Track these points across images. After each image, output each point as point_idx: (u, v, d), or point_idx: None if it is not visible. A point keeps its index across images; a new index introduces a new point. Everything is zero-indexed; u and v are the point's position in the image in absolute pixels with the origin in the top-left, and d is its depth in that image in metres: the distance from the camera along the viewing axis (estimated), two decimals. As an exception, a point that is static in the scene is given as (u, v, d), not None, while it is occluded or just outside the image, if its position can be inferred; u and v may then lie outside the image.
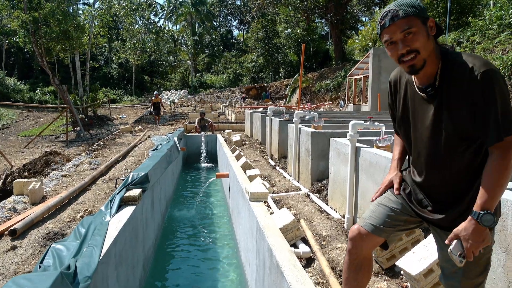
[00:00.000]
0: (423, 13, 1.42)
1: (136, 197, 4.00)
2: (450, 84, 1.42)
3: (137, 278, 3.92)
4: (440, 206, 1.57)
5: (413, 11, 1.40)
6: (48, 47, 16.67)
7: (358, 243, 1.75)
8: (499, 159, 1.35)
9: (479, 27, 13.94)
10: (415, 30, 1.41)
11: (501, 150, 1.34)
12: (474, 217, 1.36)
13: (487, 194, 1.35)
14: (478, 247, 1.37)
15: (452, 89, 1.41)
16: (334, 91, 23.45)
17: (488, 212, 1.34)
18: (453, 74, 1.41)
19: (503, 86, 1.33)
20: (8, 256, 3.12)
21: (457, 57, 1.42)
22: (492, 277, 1.99)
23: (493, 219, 1.34)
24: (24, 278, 1.82)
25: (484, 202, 1.35)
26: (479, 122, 1.36)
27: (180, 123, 17.12)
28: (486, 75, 1.32)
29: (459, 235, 1.39)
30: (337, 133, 4.85)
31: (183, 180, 9.95)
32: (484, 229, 1.35)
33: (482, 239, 1.36)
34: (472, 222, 1.36)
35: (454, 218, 1.51)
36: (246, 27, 52.52)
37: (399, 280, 2.59)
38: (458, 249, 1.39)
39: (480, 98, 1.33)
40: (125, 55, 36.47)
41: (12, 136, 16.67)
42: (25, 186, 4.92)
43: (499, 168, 1.34)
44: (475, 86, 1.34)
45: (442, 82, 1.45)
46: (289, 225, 3.33)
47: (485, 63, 1.34)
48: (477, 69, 1.33)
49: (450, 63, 1.43)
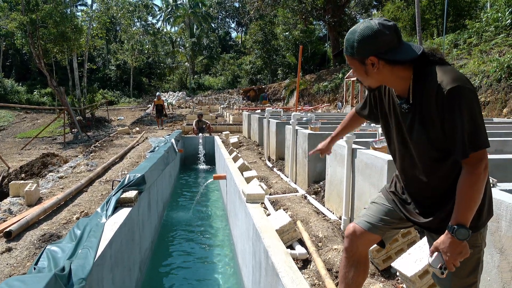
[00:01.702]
0: (359, 54, 1.46)
1: (133, 198, 4.00)
2: (422, 100, 1.44)
3: (133, 280, 3.90)
4: (424, 210, 1.60)
5: (349, 52, 1.49)
6: (45, 48, 16.66)
7: (354, 241, 1.78)
8: (468, 174, 1.37)
9: (476, 29, 14.00)
10: (353, 67, 1.54)
11: (469, 166, 1.36)
12: (450, 231, 1.38)
13: (460, 208, 1.37)
14: (457, 259, 1.38)
15: (424, 105, 1.43)
16: (332, 93, 23.48)
17: (462, 226, 1.35)
18: (424, 90, 1.42)
19: (470, 102, 1.32)
20: (3, 258, 3.10)
21: (429, 74, 1.41)
22: (486, 278, 2.00)
23: (468, 233, 1.35)
24: (18, 280, 1.81)
25: (458, 217, 1.37)
26: (448, 138, 1.39)
27: (178, 124, 17.11)
28: (452, 92, 1.32)
29: (439, 248, 1.42)
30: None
31: (181, 182, 9.93)
32: (460, 242, 1.36)
33: (459, 251, 1.37)
34: (448, 236, 1.39)
35: (437, 223, 1.53)
36: (244, 29, 52.63)
37: (395, 282, 2.58)
38: (439, 261, 1.41)
39: (447, 115, 1.35)
40: (123, 57, 36.43)
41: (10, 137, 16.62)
42: (21, 187, 4.90)
43: (469, 183, 1.36)
44: (442, 103, 1.35)
45: (414, 98, 1.47)
46: (286, 227, 3.32)
47: (454, 79, 1.33)
48: (444, 86, 1.34)
49: (423, 78, 1.44)
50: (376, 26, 1.41)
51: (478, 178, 1.35)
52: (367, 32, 1.41)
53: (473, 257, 1.50)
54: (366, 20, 1.46)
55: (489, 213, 1.54)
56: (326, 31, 35.15)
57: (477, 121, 1.33)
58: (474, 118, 1.32)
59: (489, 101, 10.39)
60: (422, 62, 1.45)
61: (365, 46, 1.43)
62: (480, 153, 1.34)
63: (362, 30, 1.43)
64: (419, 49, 1.44)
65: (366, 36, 1.41)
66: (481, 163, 1.35)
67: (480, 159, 1.34)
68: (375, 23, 1.42)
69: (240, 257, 4.67)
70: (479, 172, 1.35)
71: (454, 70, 1.40)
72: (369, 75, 1.49)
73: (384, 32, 1.41)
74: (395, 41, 1.43)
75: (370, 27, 1.42)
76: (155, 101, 16.31)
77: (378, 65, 1.45)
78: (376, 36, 1.41)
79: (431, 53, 1.46)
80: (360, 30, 1.43)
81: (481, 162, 1.35)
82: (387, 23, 1.43)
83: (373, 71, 1.47)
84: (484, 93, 10.58)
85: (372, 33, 1.41)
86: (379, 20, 1.44)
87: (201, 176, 10.66)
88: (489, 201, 1.52)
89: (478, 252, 1.52)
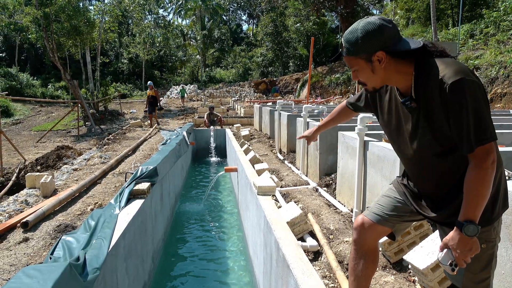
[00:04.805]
0: (365, 51, 1.40)
1: (145, 190, 4.04)
2: (425, 96, 1.40)
3: (146, 270, 3.97)
4: (433, 204, 1.58)
5: (353, 51, 1.43)
6: (59, 42, 16.86)
7: (362, 233, 1.77)
8: (475, 168, 1.33)
9: (493, 18, 13.64)
10: (356, 68, 1.48)
11: (476, 160, 1.33)
12: (458, 227, 1.35)
13: (468, 204, 1.34)
14: (467, 255, 1.36)
15: (428, 101, 1.39)
16: (344, 85, 23.23)
17: (471, 222, 1.32)
18: (427, 86, 1.38)
19: (475, 95, 1.27)
20: (20, 247, 3.19)
21: (431, 68, 1.37)
22: (501, 272, 1.97)
23: (477, 229, 1.32)
24: (34, 269, 1.85)
25: (466, 212, 1.34)
26: (453, 132, 1.35)
27: (190, 117, 17.19)
28: (455, 86, 1.28)
29: (448, 245, 1.39)
30: (345, 127, 4.81)
31: (193, 174, 10.01)
32: (470, 238, 1.34)
33: (469, 248, 1.35)
34: (457, 232, 1.36)
35: (447, 217, 1.51)
36: (256, 21, 52.26)
37: (406, 274, 2.57)
38: (448, 258, 1.39)
39: (451, 109, 1.31)
40: (135, 50, 36.66)
41: (25, 131, 16.94)
42: (37, 179, 5.01)
43: (476, 177, 1.33)
44: (446, 98, 1.31)
45: (418, 94, 1.43)
46: (297, 219, 3.33)
47: (456, 72, 1.29)
48: (446, 80, 1.30)
49: (425, 74, 1.39)
50: (378, 21, 1.38)
51: (486, 173, 1.31)
52: (371, 27, 1.38)
53: (487, 252, 1.47)
54: (362, 19, 1.43)
55: (504, 205, 1.50)
56: (339, 23, 34.66)
57: (482, 113, 1.29)
58: (480, 111, 1.28)
59: (506, 92, 10.15)
60: (423, 56, 1.42)
61: (371, 41, 1.39)
62: (487, 146, 1.30)
63: (364, 27, 1.39)
64: (419, 43, 1.41)
65: (370, 31, 1.38)
66: (489, 156, 1.31)
67: (487, 152, 1.31)
68: (375, 19, 1.39)
69: (251, 248, 4.69)
70: (487, 166, 1.31)
71: (456, 62, 1.36)
72: (375, 73, 1.45)
73: (387, 25, 1.38)
74: (398, 34, 1.41)
75: (372, 22, 1.38)
76: (147, 93, 13.80)
77: (385, 60, 1.41)
78: (381, 30, 1.38)
79: (432, 46, 1.42)
80: (362, 27, 1.39)
81: (488, 155, 1.31)
82: (385, 18, 1.41)
83: (380, 68, 1.43)
84: (501, 84, 10.33)
85: (377, 28, 1.37)
86: (377, 17, 1.41)
87: (213, 168, 10.71)
88: (504, 193, 1.49)
89: (491, 247, 1.49)
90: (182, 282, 4.42)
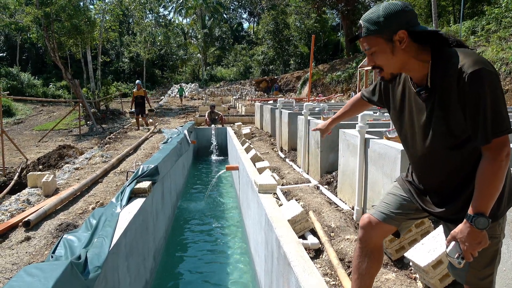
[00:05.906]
0: (387, 29, 1.38)
1: (146, 189, 4.05)
2: (442, 85, 1.38)
3: (148, 269, 3.98)
4: (439, 200, 1.56)
5: (374, 30, 1.39)
6: (60, 42, 16.88)
7: (368, 232, 1.76)
8: (489, 161, 1.32)
9: (494, 15, 13.58)
10: (374, 49, 1.43)
11: (491, 152, 1.31)
12: (468, 220, 1.34)
13: (480, 196, 1.33)
14: (475, 249, 1.35)
15: (444, 90, 1.37)
16: (345, 82, 23.20)
17: (482, 215, 1.32)
18: (445, 75, 1.37)
19: (493, 86, 1.27)
20: (22, 246, 3.19)
21: (449, 56, 1.36)
22: (502, 269, 1.96)
23: (488, 222, 1.31)
24: (35, 268, 1.86)
25: (477, 205, 1.33)
26: (469, 123, 1.33)
27: (191, 116, 17.20)
28: (474, 76, 1.26)
29: (456, 237, 1.38)
30: (346, 125, 4.80)
31: (194, 173, 10.02)
32: (479, 232, 1.33)
33: (478, 241, 1.34)
34: (467, 225, 1.35)
35: (453, 213, 1.50)
36: (257, 19, 52.18)
37: (408, 272, 2.57)
38: (456, 251, 1.38)
39: (469, 99, 1.30)
40: (136, 49, 36.69)
41: (27, 130, 16.98)
42: (39, 178, 5.02)
43: (491, 170, 1.31)
44: (464, 88, 1.29)
45: (434, 84, 1.41)
46: (298, 217, 3.32)
47: (475, 62, 1.28)
48: (465, 69, 1.28)
49: (443, 63, 1.38)
50: (400, 2, 1.39)
51: (500, 165, 1.30)
52: (394, 7, 1.37)
53: (491, 248, 1.46)
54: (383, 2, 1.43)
55: (509, 202, 1.49)
56: (339, 20, 34.59)
57: (500, 105, 1.28)
58: (497, 102, 1.27)
59: (508, 89, 10.11)
60: (440, 45, 1.40)
61: (395, 19, 1.37)
62: (502, 138, 1.29)
63: (387, 6, 1.38)
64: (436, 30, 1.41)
65: (393, 10, 1.37)
66: (504, 149, 1.30)
67: (502, 145, 1.30)
68: (397, 1, 1.40)
69: (252, 246, 4.70)
70: (501, 159, 1.30)
71: (475, 53, 1.35)
72: (395, 54, 1.41)
73: (409, 7, 1.39)
74: (417, 19, 1.42)
75: (394, 3, 1.38)
76: (134, 92, 12.30)
77: (406, 41, 1.39)
78: (404, 9, 1.37)
79: (449, 36, 1.41)
80: (384, 7, 1.38)
81: (503, 148, 1.30)
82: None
83: (400, 49, 1.40)
84: (503, 80, 10.30)
85: (399, 7, 1.37)
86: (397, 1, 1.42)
87: (214, 167, 10.72)
88: (509, 189, 1.48)
89: (496, 243, 1.48)
90: (184, 280, 4.43)
